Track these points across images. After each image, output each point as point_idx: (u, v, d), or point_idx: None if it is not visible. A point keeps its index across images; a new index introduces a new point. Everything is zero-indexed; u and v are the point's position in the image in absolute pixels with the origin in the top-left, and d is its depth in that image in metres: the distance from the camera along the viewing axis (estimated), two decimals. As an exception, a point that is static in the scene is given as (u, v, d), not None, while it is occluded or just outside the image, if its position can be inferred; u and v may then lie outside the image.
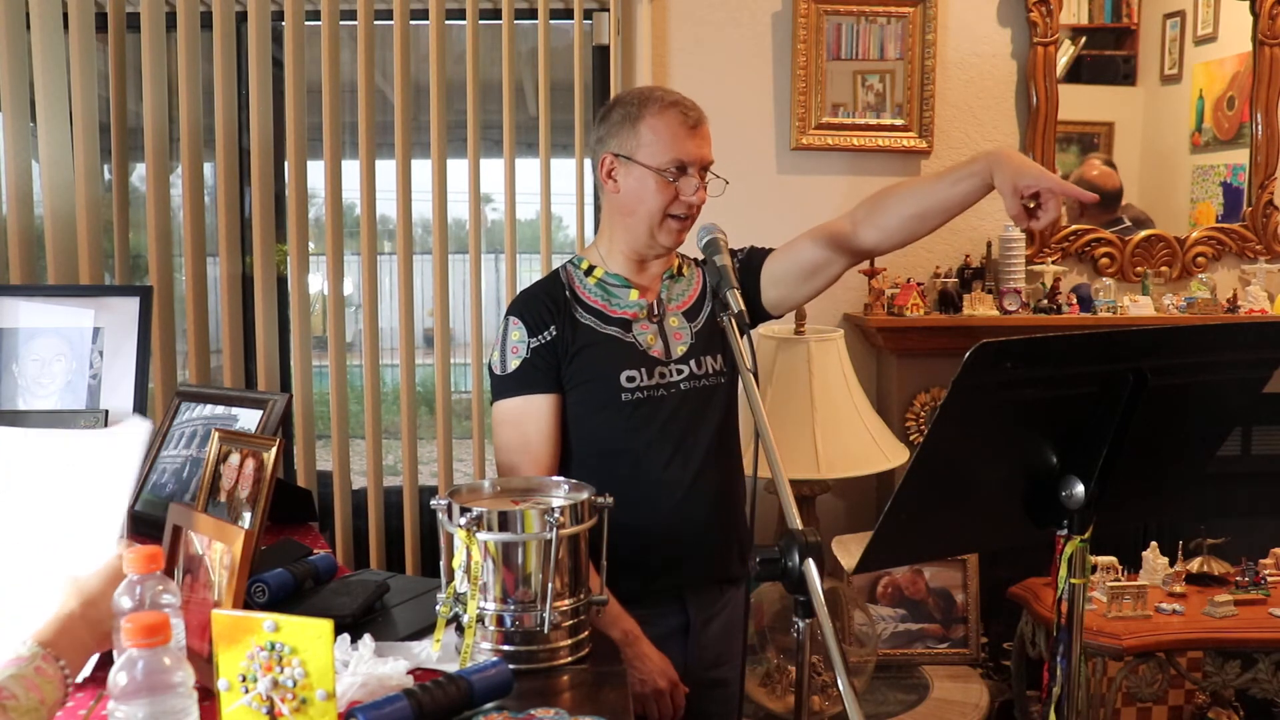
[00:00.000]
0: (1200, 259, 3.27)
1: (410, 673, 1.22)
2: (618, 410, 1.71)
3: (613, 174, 1.76)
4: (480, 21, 2.91)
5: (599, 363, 1.72)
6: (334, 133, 2.88)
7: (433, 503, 1.38)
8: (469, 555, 1.30)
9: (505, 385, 1.75)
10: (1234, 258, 3.31)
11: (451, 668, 1.23)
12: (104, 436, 1.36)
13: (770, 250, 1.87)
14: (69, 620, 1.08)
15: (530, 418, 1.73)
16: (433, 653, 1.33)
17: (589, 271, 1.80)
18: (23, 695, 0.97)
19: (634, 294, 1.79)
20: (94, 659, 1.17)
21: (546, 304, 1.76)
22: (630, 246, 1.78)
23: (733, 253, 1.86)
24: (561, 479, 1.47)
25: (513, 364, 1.74)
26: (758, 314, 1.84)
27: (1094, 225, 3.24)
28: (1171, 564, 2.79)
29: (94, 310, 2.09)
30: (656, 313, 1.79)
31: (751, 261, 1.85)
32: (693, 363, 1.78)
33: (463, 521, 1.30)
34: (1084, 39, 3.21)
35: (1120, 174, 3.27)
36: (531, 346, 1.73)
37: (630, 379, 1.72)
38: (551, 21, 2.93)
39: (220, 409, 1.99)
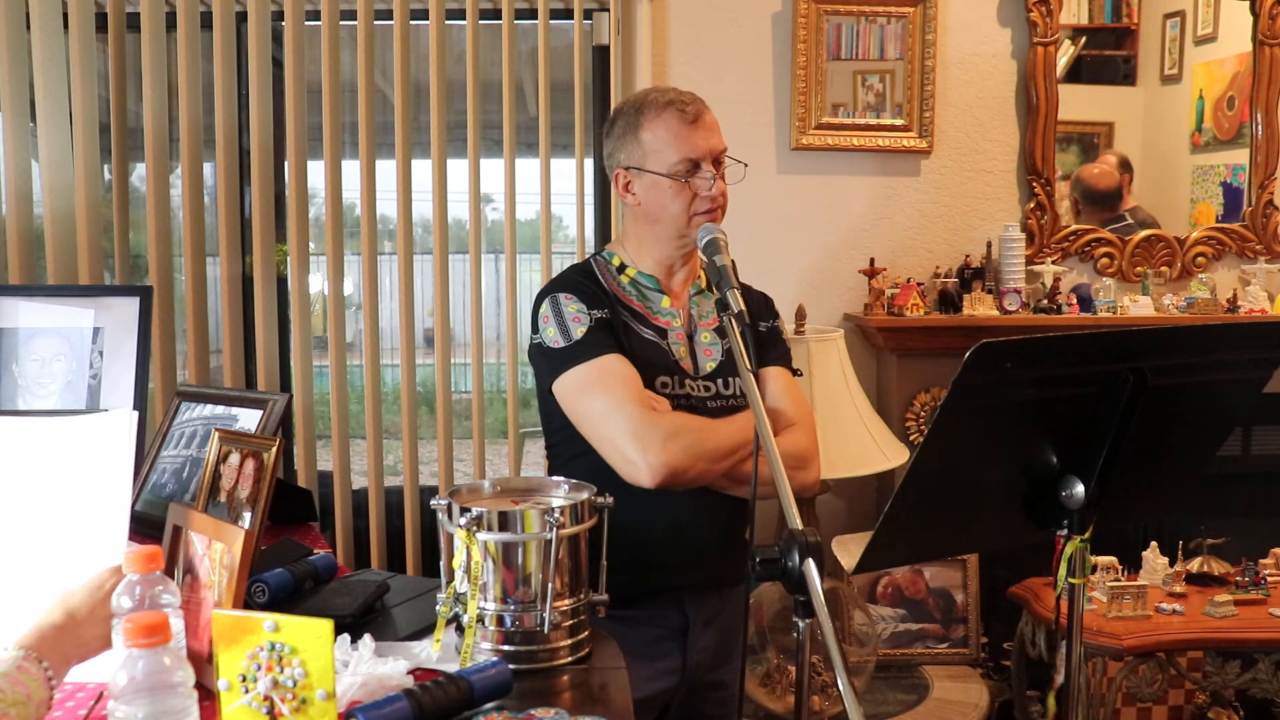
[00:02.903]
0: (1200, 259, 3.27)
1: (410, 673, 1.22)
2: None
3: (629, 188, 1.75)
4: (480, 21, 2.91)
5: (639, 362, 1.69)
6: (334, 133, 2.88)
7: (433, 503, 1.38)
8: (469, 555, 1.30)
9: (575, 352, 1.65)
10: (1234, 258, 3.31)
11: (451, 668, 1.23)
12: (92, 423, 1.34)
13: (776, 359, 1.83)
14: (50, 630, 1.09)
15: (612, 371, 1.64)
16: (433, 653, 1.32)
17: (621, 269, 1.79)
18: (8, 689, 0.97)
19: (666, 300, 1.78)
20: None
21: (593, 288, 1.73)
22: (662, 252, 1.77)
23: (766, 312, 1.85)
24: (561, 479, 1.47)
25: (579, 331, 1.67)
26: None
27: (1093, 225, 3.24)
28: (1171, 564, 2.79)
29: (94, 310, 2.09)
30: (689, 327, 1.79)
31: (772, 341, 1.84)
32: (720, 382, 1.76)
33: (463, 521, 1.30)
34: (1084, 39, 3.21)
35: (1125, 174, 3.28)
36: (594, 316, 1.68)
37: (664, 385, 1.70)
38: (551, 21, 2.93)
39: (220, 409, 1.99)
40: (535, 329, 1.74)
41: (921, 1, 3.08)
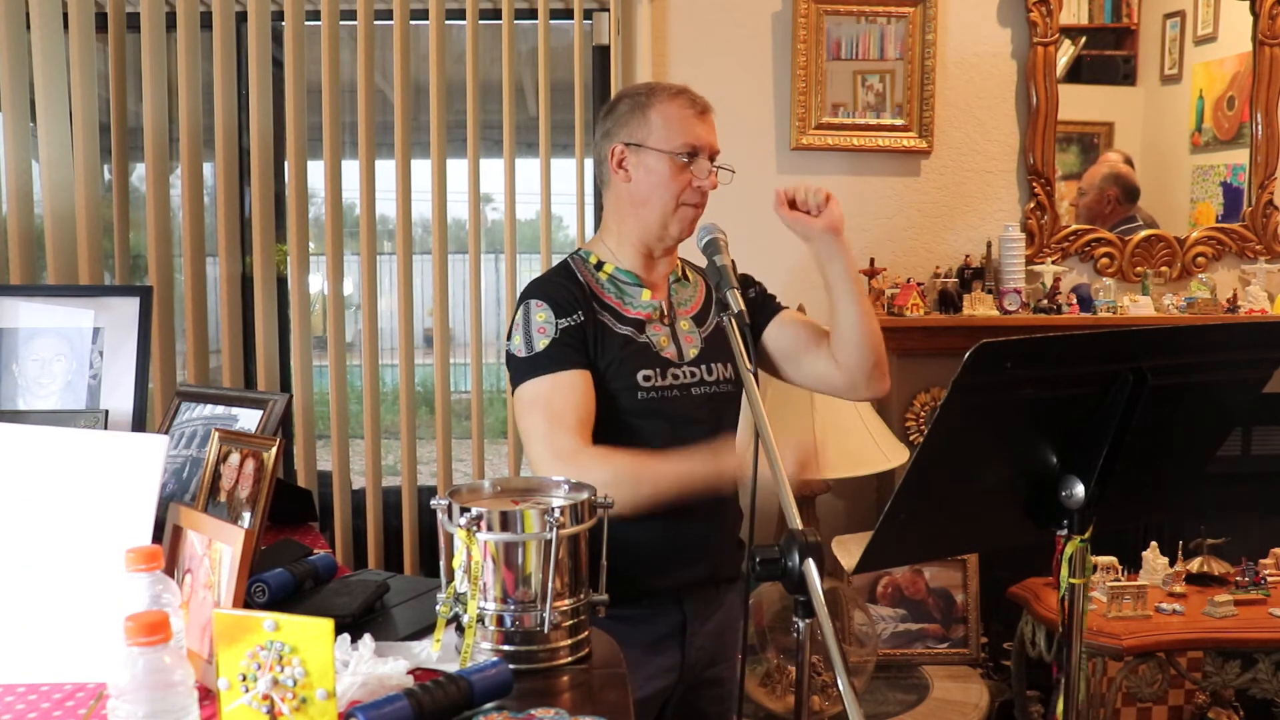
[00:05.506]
0: (1200, 259, 3.27)
1: (410, 673, 1.22)
2: (631, 408, 1.70)
3: (623, 164, 1.75)
4: (480, 21, 2.91)
5: (618, 360, 1.70)
6: (334, 133, 2.88)
7: (433, 503, 1.37)
8: (469, 555, 1.30)
9: (532, 365, 1.67)
10: (1234, 258, 3.31)
11: (451, 668, 1.22)
12: (122, 444, 1.35)
13: (780, 305, 1.89)
14: None
15: (559, 391, 1.66)
16: (433, 653, 1.32)
17: (599, 266, 1.79)
18: None
19: (646, 294, 1.78)
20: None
21: (569, 290, 1.73)
22: (641, 239, 1.77)
23: (747, 281, 1.86)
24: (561, 479, 1.46)
25: (541, 343, 1.68)
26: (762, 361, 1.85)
27: (1099, 227, 3.24)
28: (1171, 564, 2.79)
29: (94, 310, 2.08)
30: (668, 316, 1.79)
31: (765, 306, 1.87)
32: (704, 368, 1.77)
33: (463, 521, 1.30)
34: (1084, 39, 3.21)
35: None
36: (560, 326, 1.69)
37: (646, 378, 1.71)
38: (551, 21, 2.93)
39: (220, 409, 1.99)
40: (510, 334, 1.75)
41: (921, 1, 3.09)
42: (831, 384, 1.84)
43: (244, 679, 0.98)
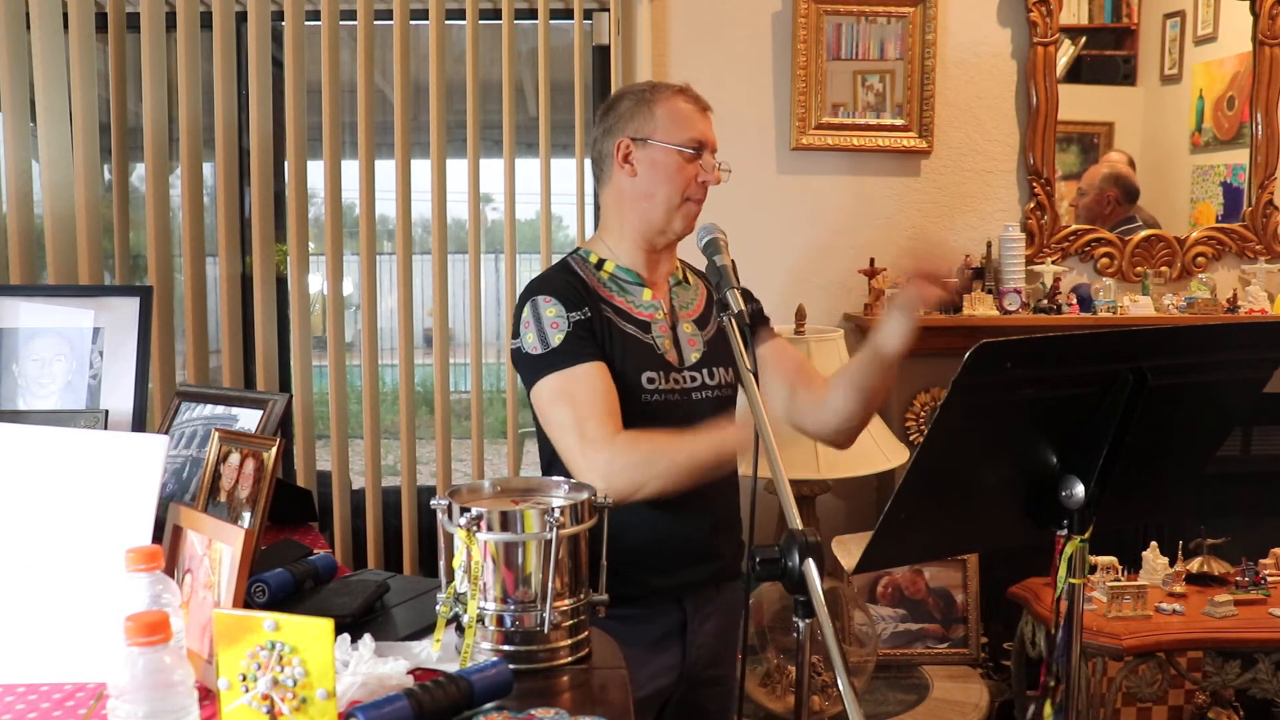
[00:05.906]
0: (1200, 259, 3.27)
1: (410, 673, 1.22)
2: (634, 411, 1.69)
3: (629, 158, 1.75)
4: (480, 21, 2.91)
5: (622, 360, 1.70)
6: (334, 133, 2.88)
7: (433, 502, 1.37)
8: (469, 555, 1.30)
9: (550, 361, 1.66)
10: (1234, 258, 3.31)
11: (451, 668, 1.22)
12: (119, 442, 1.35)
13: (770, 331, 1.88)
14: None
15: (581, 383, 1.64)
16: (433, 653, 1.32)
17: (599, 265, 1.78)
18: None
19: (647, 293, 1.77)
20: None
21: (574, 285, 1.73)
22: (644, 235, 1.77)
23: (744, 296, 1.86)
24: (561, 479, 1.46)
25: (556, 338, 1.66)
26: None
27: (1099, 227, 3.24)
28: (1171, 564, 2.79)
29: (94, 310, 2.08)
30: (670, 318, 1.79)
31: (756, 324, 1.85)
32: (705, 372, 1.77)
33: (463, 521, 1.30)
34: (1084, 39, 3.21)
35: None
36: (573, 320, 1.68)
37: (650, 380, 1.71)
38: (551, 21, 2.93)
39: (220, 409, 1.99)
40: (515, 333, 1.73)
41: (921, 1, 3.08)
42: (793, 421, 1.81)
43: (244, 679, 0.98)
